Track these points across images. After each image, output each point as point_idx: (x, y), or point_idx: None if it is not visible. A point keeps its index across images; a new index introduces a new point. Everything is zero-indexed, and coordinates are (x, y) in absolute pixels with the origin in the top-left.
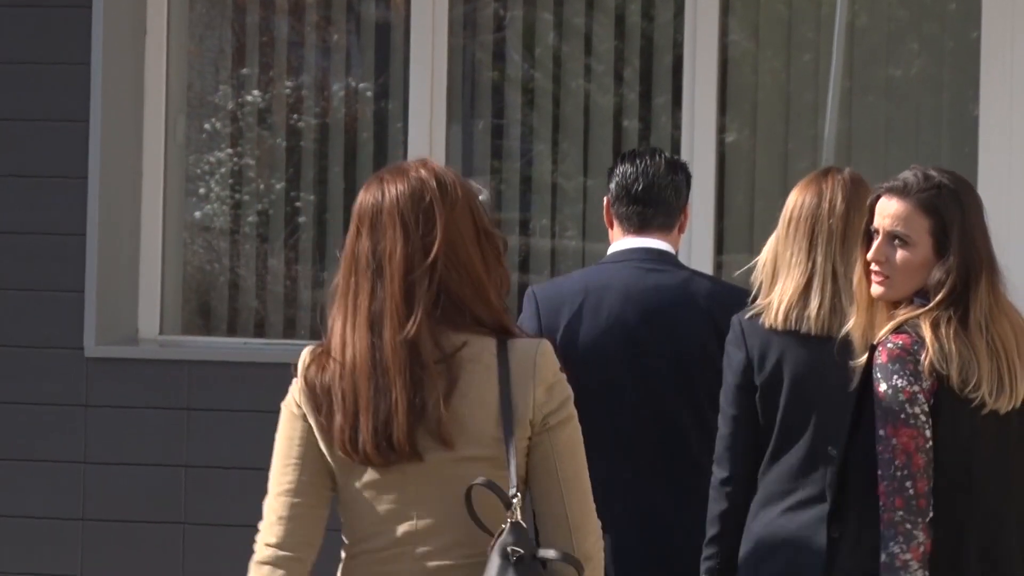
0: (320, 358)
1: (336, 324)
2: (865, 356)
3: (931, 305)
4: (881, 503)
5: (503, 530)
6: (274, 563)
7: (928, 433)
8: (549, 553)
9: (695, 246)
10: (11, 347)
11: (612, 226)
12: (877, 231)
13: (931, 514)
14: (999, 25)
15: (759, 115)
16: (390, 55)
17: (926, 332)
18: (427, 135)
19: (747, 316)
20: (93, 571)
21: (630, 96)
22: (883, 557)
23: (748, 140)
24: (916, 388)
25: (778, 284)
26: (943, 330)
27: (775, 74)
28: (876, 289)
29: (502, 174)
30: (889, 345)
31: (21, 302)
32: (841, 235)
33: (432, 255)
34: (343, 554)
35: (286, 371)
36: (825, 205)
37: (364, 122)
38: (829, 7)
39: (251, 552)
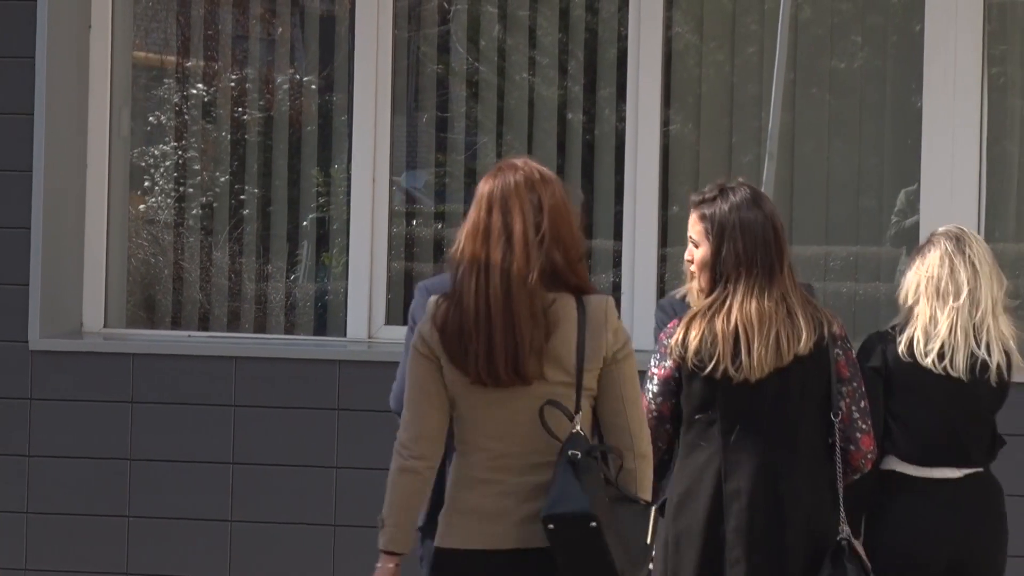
0: (446, 304)
1: (467, 280)
2: None
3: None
4: None
5: (567, 439)
6: (413, 470)
7: (654, 405)
8: (598, 446)
9: (640, 238)
10: None
11: None
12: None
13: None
14: (942, 18)
15: (703, 108)
16: (334, 48)
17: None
18: (372, 128)
19: (678, 296)
20: (37, 563)
21: (574, 89)
22: None
23: (692, 132)
24: (656, 370)
25: None
26: (695, 320)
27: (719, 67)
28: (693, 283)
29: (446, 166)
30: (665, 330)
31: None
32: None
33: (541, 231)
34: (457, 453)
35: (230, 364)
36: None
37: (308, 115)
38: (773, 0)
39: (192, 543)
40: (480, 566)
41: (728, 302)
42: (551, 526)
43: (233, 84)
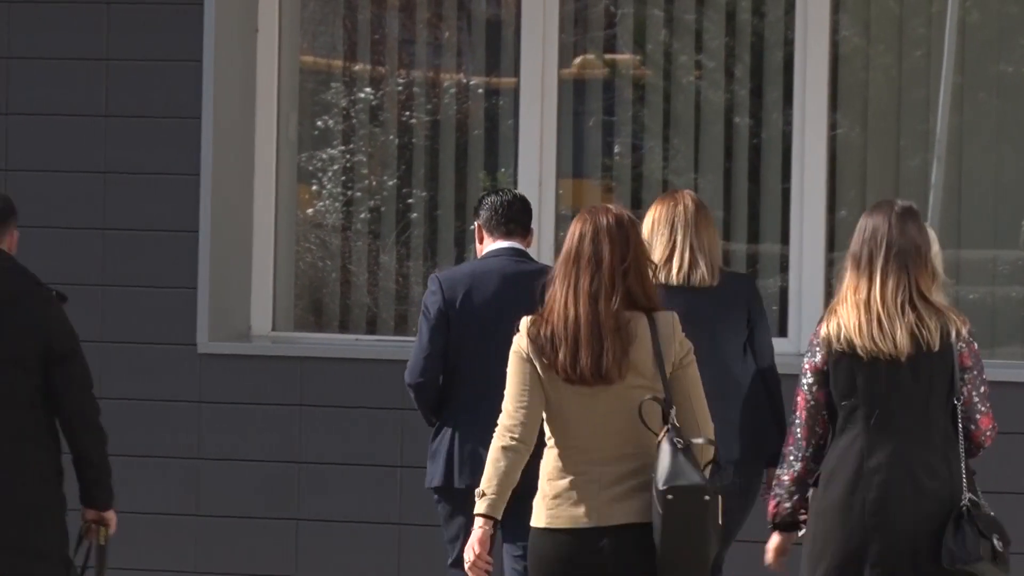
0: (538, 321)
1: (558, 298)
2: None
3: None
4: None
5: (667, 430)
6: (514, 449)
7: (810, 395)
8: (698, 440)
9: (807, 243)
10: (125, 343)
11: (481, 240)
12: None
13: (810, 451)
14: None
15: (870, 112)
16: (501, 52)
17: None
18: (538, 132)
19: None
20: (207, 566)
21: (741, 93)
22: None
23: (859, 137)
24: (807, 365)
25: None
26: (833, 310)
27: (886, 70)
28: None
29: (613, 171)
30: (815, 331)
31: (135, 298)
32: (694, 222)
33: (627, 261)
34: (549, 446)
35: (398, 368)
36: (680, 208)
37: (475, 119)
38: (940, 3)
39: (361, 546)
40: (568, 542)
41: (845, 291)
42: (670, 496)
43: (400, 88)
